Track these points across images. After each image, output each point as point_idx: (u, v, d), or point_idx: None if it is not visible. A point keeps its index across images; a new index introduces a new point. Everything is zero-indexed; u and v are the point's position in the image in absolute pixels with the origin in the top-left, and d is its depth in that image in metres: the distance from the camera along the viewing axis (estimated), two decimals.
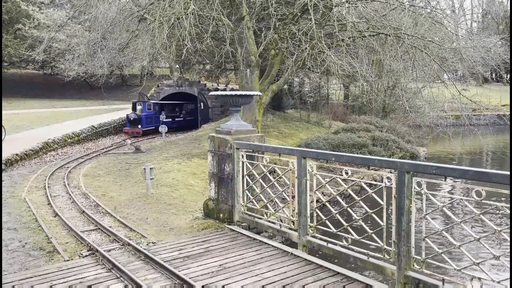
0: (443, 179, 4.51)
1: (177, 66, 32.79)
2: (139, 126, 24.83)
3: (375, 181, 11.85)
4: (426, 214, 4.65)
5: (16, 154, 15.51)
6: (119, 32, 15.74)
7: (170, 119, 29.44)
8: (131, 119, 24.76)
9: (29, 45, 25.90)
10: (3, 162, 14.27)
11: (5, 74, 44.36)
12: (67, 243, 7.18)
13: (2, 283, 5.17)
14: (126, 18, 15.47)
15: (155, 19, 12.95)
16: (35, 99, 38.15)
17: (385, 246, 5.10)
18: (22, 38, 34.04)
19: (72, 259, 6.33)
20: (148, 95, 32.61)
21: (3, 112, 26.74)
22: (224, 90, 31.83)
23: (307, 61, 13.52)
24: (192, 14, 11.78)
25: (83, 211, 9.01)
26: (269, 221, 7.06)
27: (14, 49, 34.12)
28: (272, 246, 6.51)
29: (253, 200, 7.36)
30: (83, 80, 31.69)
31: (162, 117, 27.17)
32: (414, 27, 14.90)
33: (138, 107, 25.97)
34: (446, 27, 16.35)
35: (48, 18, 30.54)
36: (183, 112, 32.25)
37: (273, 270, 5.59)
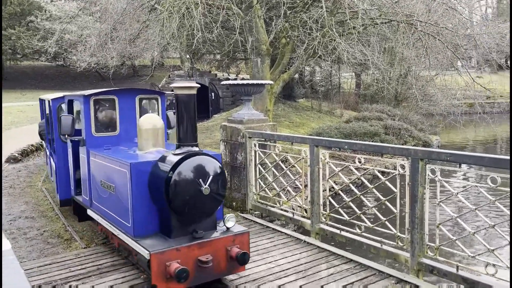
0: (458, 166, 4.50)
1: (188, 56, 32.78)
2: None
3: (388, 169, 11.79)
4: (440, 201, 4.64)
5: (32, 145, 15.76)
6: (129, 23, 15.76)
7: None
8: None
9: (42, 36, 26.11)
10: (19, 152, 14.54)
11: (19, 66, 44.93)
12: (83, 231, 7.32)
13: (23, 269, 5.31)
14: (136, 8, 15.47)
15: (165, 9, 12.94)
16: (49, 90, 38.43)
17: (399, 234, 5.11)
18: (34, 30, 34.32)
19: (89, 247, 6.46)
20: (160, 85, 32.73)
21: (19, 103, 27.12)
22: (235, 79, 31.80)
23: (318, 49, 13.40)
24: (202, 3, 11.75)
25: None
26: (281, 210, 7.11)
27: (27, 41, 34.45)
28: (285, 234, 6.57)
29: (266, 189, 7.40)
30: (95, 71, 31.91)
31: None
32: (427, 13, 14.64)
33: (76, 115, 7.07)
34: (460, 13, 16.04)
35: (60, 10, 30.68)
36: None
37: (286, 257, 5.65)
